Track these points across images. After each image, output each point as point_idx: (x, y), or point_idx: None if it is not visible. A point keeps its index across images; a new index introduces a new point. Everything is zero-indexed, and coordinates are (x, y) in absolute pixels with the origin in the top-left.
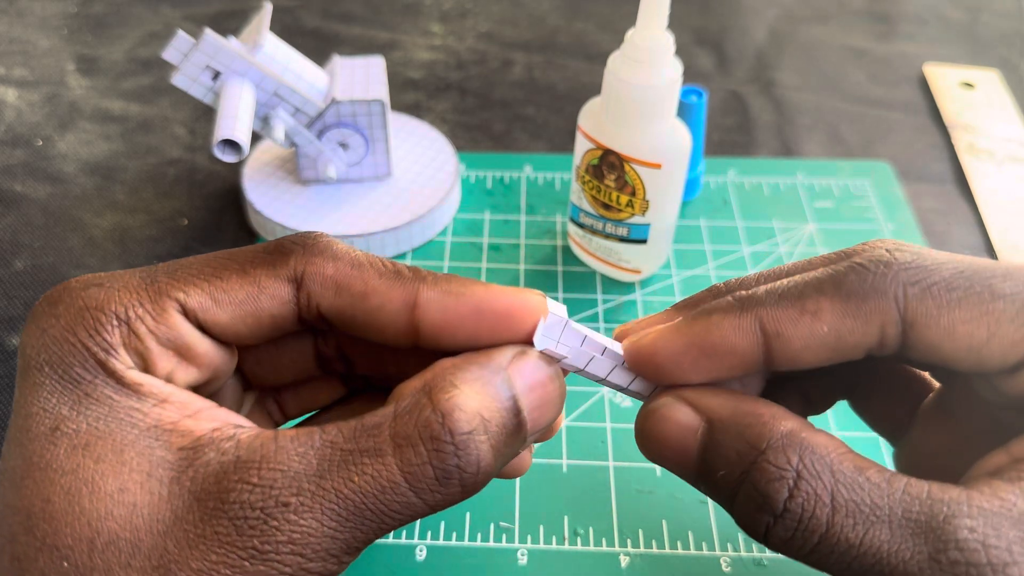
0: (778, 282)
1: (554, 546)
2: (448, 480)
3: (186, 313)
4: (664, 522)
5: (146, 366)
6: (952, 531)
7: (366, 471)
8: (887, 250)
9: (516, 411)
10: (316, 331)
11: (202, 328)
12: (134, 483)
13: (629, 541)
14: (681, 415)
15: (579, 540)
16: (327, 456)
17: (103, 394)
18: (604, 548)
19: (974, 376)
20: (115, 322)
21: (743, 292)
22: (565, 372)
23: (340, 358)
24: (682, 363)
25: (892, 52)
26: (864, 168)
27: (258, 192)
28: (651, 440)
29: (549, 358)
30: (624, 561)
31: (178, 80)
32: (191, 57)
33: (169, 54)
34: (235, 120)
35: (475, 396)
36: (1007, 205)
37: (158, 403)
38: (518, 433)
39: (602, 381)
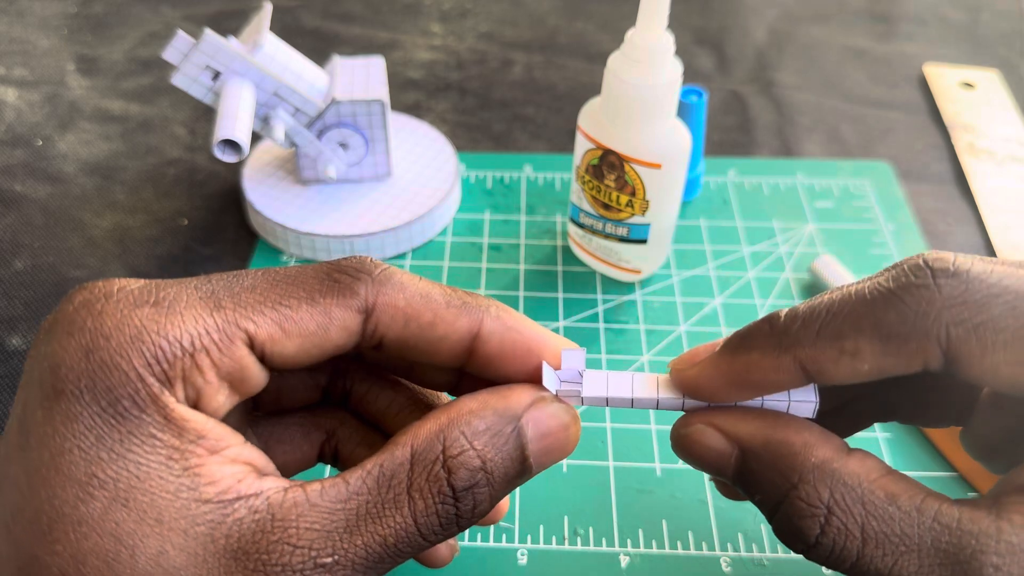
0: (814, 313)
1: (554, 546)
2: (449, 525)
3: (252, 344)
4: (664, 522)
5: (198, 399)
6: (978, 568)
7: (389, 523)
8: (934, 273)
9: (522, 459)
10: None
11: (262, 358)
12: (172, 545)
13: (629, 541)
14: (714, 442)
15: (579, 540)
16: (354, 510)
17: (148, 433)
18: (604, 548)
19: None
20: (179, 352)
21: (780, 324)
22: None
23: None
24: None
25: (892, 52)
26: (864, 168)
27: (258, 192)
28: (689, 458)
29: (567, 401)
30: (624, 561)
31: (178, 80)
32: (191, 57)
33: (169, 54)
34: (235, 120)
35: (484, 450)
36: (1007, 205)
37: (194, 440)
38: (520, 478)
39: (629, 405)
